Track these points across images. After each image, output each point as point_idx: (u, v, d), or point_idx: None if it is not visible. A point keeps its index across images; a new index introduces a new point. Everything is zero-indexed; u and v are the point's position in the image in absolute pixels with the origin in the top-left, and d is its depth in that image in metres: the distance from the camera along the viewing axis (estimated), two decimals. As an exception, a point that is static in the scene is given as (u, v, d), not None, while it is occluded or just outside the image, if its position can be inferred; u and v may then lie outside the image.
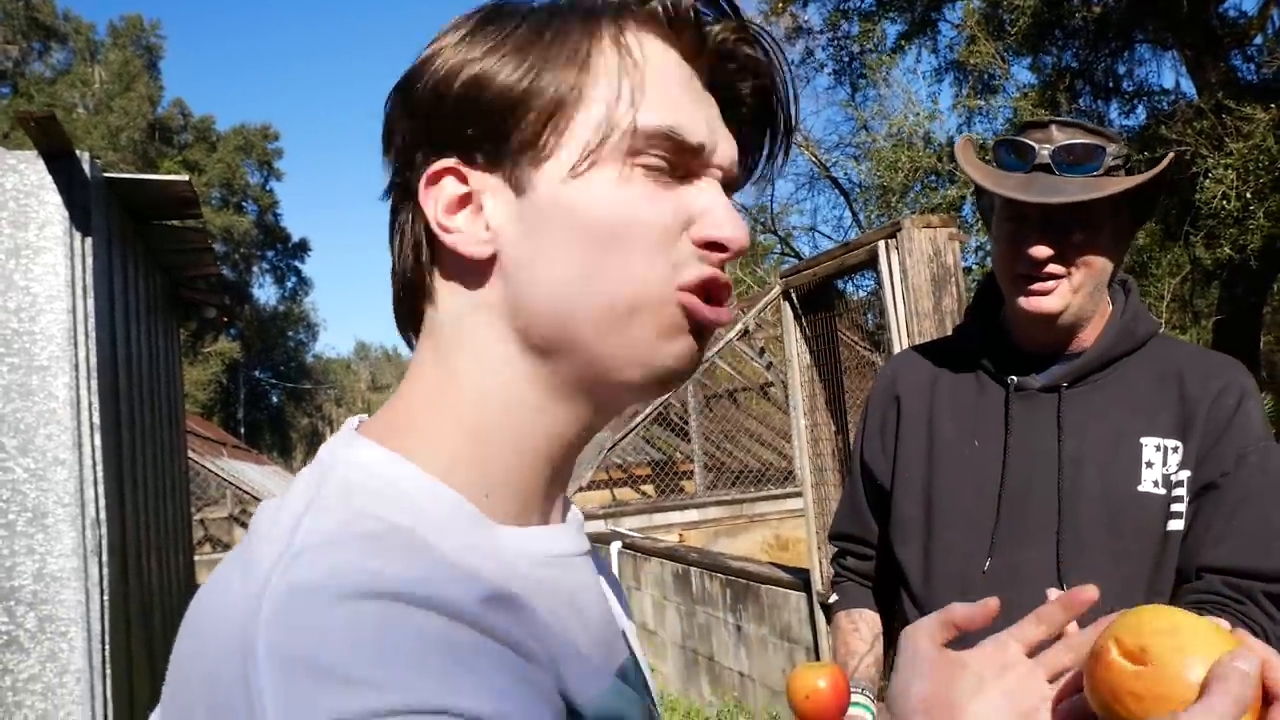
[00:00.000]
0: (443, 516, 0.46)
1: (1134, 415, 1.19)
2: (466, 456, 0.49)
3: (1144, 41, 13.71)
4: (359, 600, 0.38)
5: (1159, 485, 1.16)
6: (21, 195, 2.57)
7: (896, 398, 1.33)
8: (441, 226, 0.49)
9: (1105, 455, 1.17)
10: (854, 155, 17.68)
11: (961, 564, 1.20)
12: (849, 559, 1.44)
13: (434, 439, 0.49)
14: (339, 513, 0.44)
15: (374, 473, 0.47)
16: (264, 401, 46.23)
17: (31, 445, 2.48)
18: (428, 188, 0.49)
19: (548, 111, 0.49)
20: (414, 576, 0.40)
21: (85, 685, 2.44)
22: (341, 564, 0.40)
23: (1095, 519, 1.16)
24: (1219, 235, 10.27)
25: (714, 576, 4.53)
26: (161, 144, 35.89)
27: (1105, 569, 1.14)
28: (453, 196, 0.49)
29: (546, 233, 0.49)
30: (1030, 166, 1.16)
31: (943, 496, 1.24)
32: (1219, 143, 10.34)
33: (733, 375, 10.11)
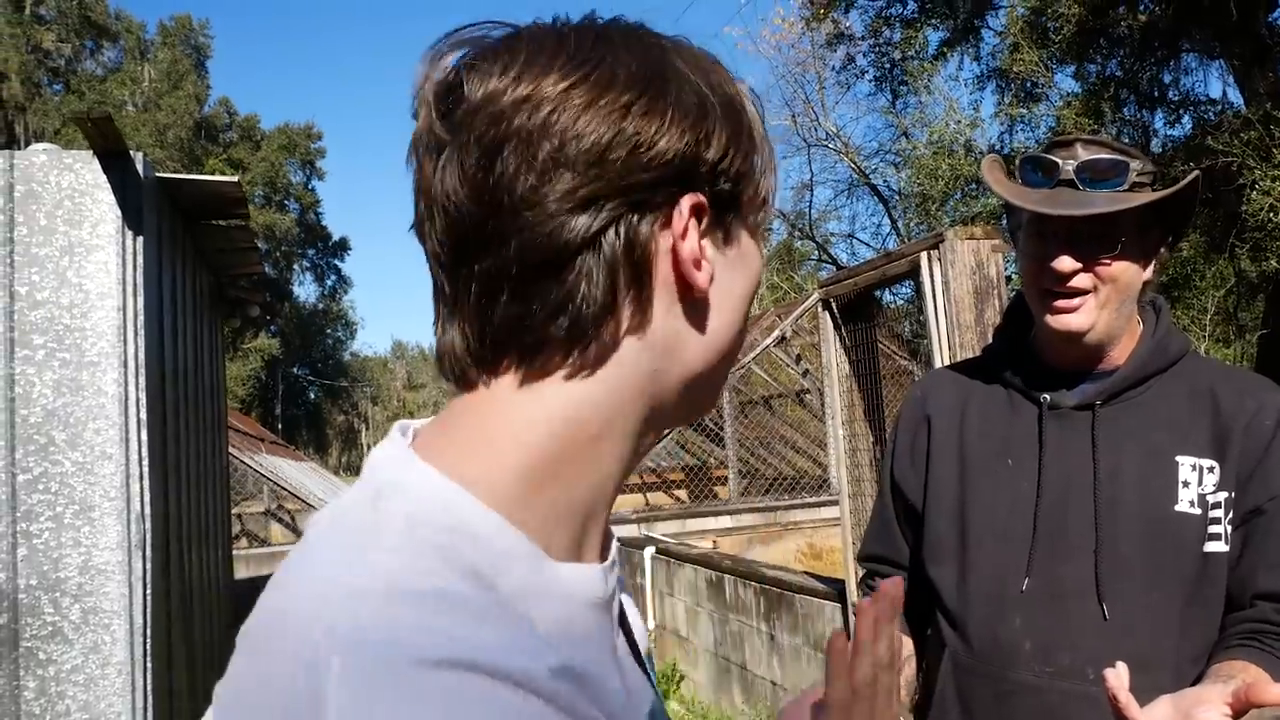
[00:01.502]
0: (505, 557, 0.45)
1: (1169, 434, 1.17)
2: (536, 490, 0.48)
3: (1190, 50, 13.45)
4: (437, 670, 0.38)
5: (1195, 505, 1.14)
6: (76, 194, 2.62)
7: (927, 418, 1.32)
8: (695, 260, 0.50)
9: (1141, 474, 1.16)
10: (894, 162, 17.54)
11: (998, 582, 1.19)
12: (877, 580, 1.42)
13: (502, 469, 0.48)
14: (404, 552, 0.43)
15: (438, 504, 0.45)
16: (301, 398, 46.88)
17: (80, 439, 2.53)
18: (690, 217, 0.50)
19: (756, 173, 0.53)
20: (486, 643, 0.40)
21: (126, 677, 2.48)
22: (420, 624, 0.40)
23: (1133, 538, 1.14)
24: (1265, 248, 10.05)
25: (748, 584, 4.50)
26: (207, 142, 36.59)
27: (1144, 588, 1.13)
28: (698, 231, 0.50)
29: (732, 283, 0.53)
30: (1055, 182, 1.16)
31: (977, 515, 1.23)
32: (1267, 154, 10.12)
33: (768, 382, 10.07)
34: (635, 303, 0.49)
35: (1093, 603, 1.14)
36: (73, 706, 2.43)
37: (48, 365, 2.54)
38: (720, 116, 0.50)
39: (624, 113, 0.48)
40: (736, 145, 0.51)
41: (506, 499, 0.47)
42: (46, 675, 2.44)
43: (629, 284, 0.49)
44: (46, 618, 2.45)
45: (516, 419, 0.49)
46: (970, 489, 1.24)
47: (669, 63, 0.51)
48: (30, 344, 2.53)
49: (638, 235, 0.48)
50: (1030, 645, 1.15)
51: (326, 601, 0.41)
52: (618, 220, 0.48)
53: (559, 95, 0.47)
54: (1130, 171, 1.16)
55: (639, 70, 0.49)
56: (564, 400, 0.49)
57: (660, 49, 0.52)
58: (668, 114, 0.48)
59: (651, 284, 0.49)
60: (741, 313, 0.54)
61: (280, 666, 0.40)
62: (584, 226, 0.47)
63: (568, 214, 0.47)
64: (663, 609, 5.65)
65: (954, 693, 1.22)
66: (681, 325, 0.51)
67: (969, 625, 1.21)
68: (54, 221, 2.59)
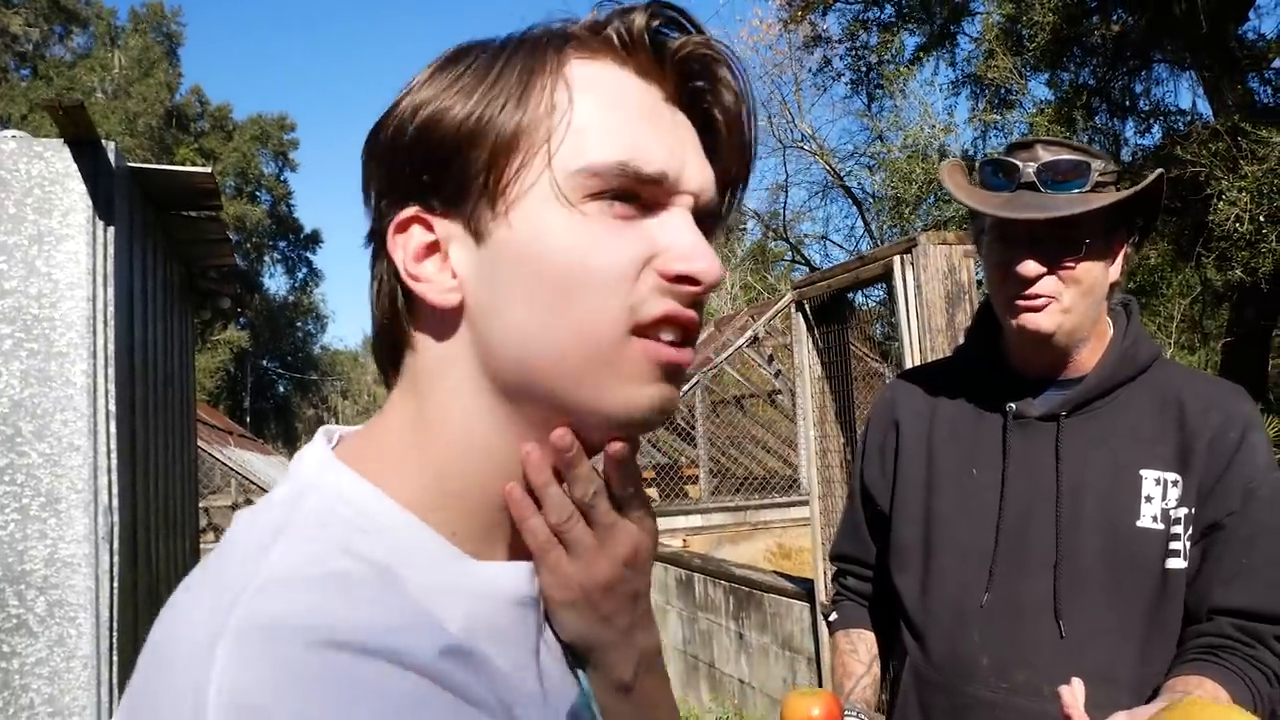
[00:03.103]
0: (417, 551, 0.46)
1: (1134, 445, 1.17)
2: (437, 493, 0.49)
3: (1162, 61, 13.67)
4: (314, 648, 0.39)
5: (1157, 520, 1.13)
6: (46, 182, 2.59)
7: (895, 422, 1.32)
8: (410, 275, 0.49)
9: (1104, 487, 1.15)
10: (868, 165, 17.67)
11: (959, 595, 1.19)
12: (849, 579, 1.43)
13: (406, 475, 0.49)
14: (313, 544, 0.44)
15: (352, 503, 0.47)
16: (270, 391, 46.36)
17: (47, 430, 2.50)
18: (395, 235, 0.49)
19: (496, 154, 0.47)
20: (375, 624, 0.41)
21: (92, 671, 2.45)
22: (304, 606, 0.41)
23: (1093, 553, 1.14)
24: (1231, 257, 10.24)
25: (717, 583, 4.53)
26: (178, 131, 36.04)
27: (1103, 604, 1.13)
28: (420, 245, 0.49)
29: (505, 280, 0.47)
30: (1015, 185, 1.15)
31: (941, 525, 1.22)
32: (1234, 165, 10.31)
33: (740, 381, 10.12)
34: (410, 316, 0.51)
35: (1049, 620, 1.13)
36: (37, 700, 2.41)
37: (15, 355, 2.50)
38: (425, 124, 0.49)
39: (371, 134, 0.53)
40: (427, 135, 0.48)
41: (419, 500, 0.48)
42: (10, 668, 2.41)
43: (392, 295, 0.51)
44: (11, 610, 2.42)
45: (415, 434, 0.51)
46: (935, 497, 1.24)
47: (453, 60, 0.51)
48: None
49: (386, 249, 0.51)
50: (988, 660, 1.15)
51: (225, 594, 0.42)
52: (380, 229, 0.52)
53: None
54: (1092, 172, 1.14)
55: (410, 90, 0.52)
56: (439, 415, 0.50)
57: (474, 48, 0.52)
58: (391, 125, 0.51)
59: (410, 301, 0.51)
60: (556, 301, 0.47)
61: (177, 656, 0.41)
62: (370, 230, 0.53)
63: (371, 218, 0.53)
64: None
65: (915, 703, 1.23)
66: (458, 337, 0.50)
67: (929, 638, 1.21)
68: (23, 210, 2.56)
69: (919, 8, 14.84)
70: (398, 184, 0.49)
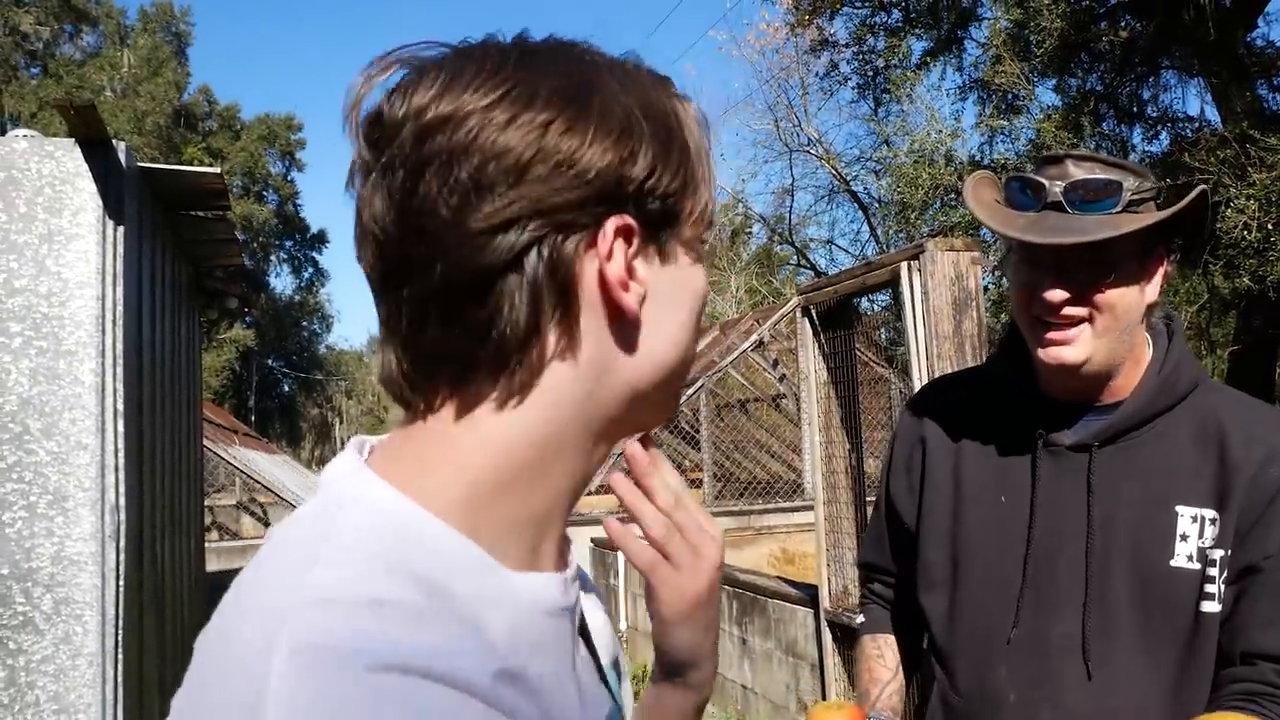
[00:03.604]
0: (458, 565, 0.46)
1: (1170, 479, 1.10)
2: (477, 503, 0.48)
3: (1170, 68, 13.64)
4: (374, 672, 0.39)
5: (1193, 560, 1.08)
6: (57, 182, 2.60)
7: (923, 438, 1.27)
8: (623, 282, 0.49)
9: (1137, 522, 1.10)
10: (875, 170, 17.65)
11: (986, 628, 1.16)
12: (876, 584, 1.41)
13: (444, 484, 0.48)
14: (356, 562, 0.44)
15: (387, 516, 0.46)
16: (275, 390, 46.45)
17: (56, 429, 2.51)
18: (615, 238, 0.48)
19: (688, 186, 0.52)
20: (430, 647, 0.41)
21: (97, 669, 2.46)
22: (358, 627, 0.40)
23: (1124, 593, 1.09)
24: (1238, 265, 10.20)
25: (720, 588, 4.53)
26: (186, 130, 36.17)
27: (1133, 646, 1.09)
28: (628, 252, 0.49)
29: (671, 302, 0.52)
30: (1041, 205, 1.08)
31: (969, 549, 1.19)
32: (1242, 172, 10.28)
33: (745, 385, 10.11)
34: (562, 325, 0.48)
35: (1077, 660, 1.10)
36: (42, 697, 2.42)
37: (24, 353, 2.52)
38: (649, 134, 0.49)
39: (543, 130, 0.46)
40: (666, 162, 0.50)
41: (457, 512, 0.47)
42: (17, 665, 2.42)
43: (553, 306, 0.47)
44: (18, 607, 2.43)
45: (456, 448, 0.49)
46: (963, 521, 1.20)
47: (596, 80, 0.49)
48: (7, 331, 2.51)
49: (561, 256, 0.47)
50: (1015, 697, 1.13)
51: (272, 613, 0.42)
52: (540, 241, 0.47)
53: (479, 113, 0.46)
54: (1124, 191, 1.07)
55: (561, 87, 0.48)
56: (500, 428, 0.48)
57: (588, 66, 0.50)
58: (589, 131, 0.47)
59: (577, 306, 0.48)
60: (684, 331, 0.53)
61: (228, 677, 0.41)
62: (506, 248, 0.46)
63: (489, 235, 0.46)
64: (635, 610, 5.67)
65: None
66: (613, 347, 0.50)
67: (957, 667, 1.19)
68: (34, 209, 2.57)
69: (926, 13, 14.82)
70: (611, 193, 0.48)
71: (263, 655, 0.40)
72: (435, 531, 0.46)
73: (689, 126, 0.53)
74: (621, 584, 5.77)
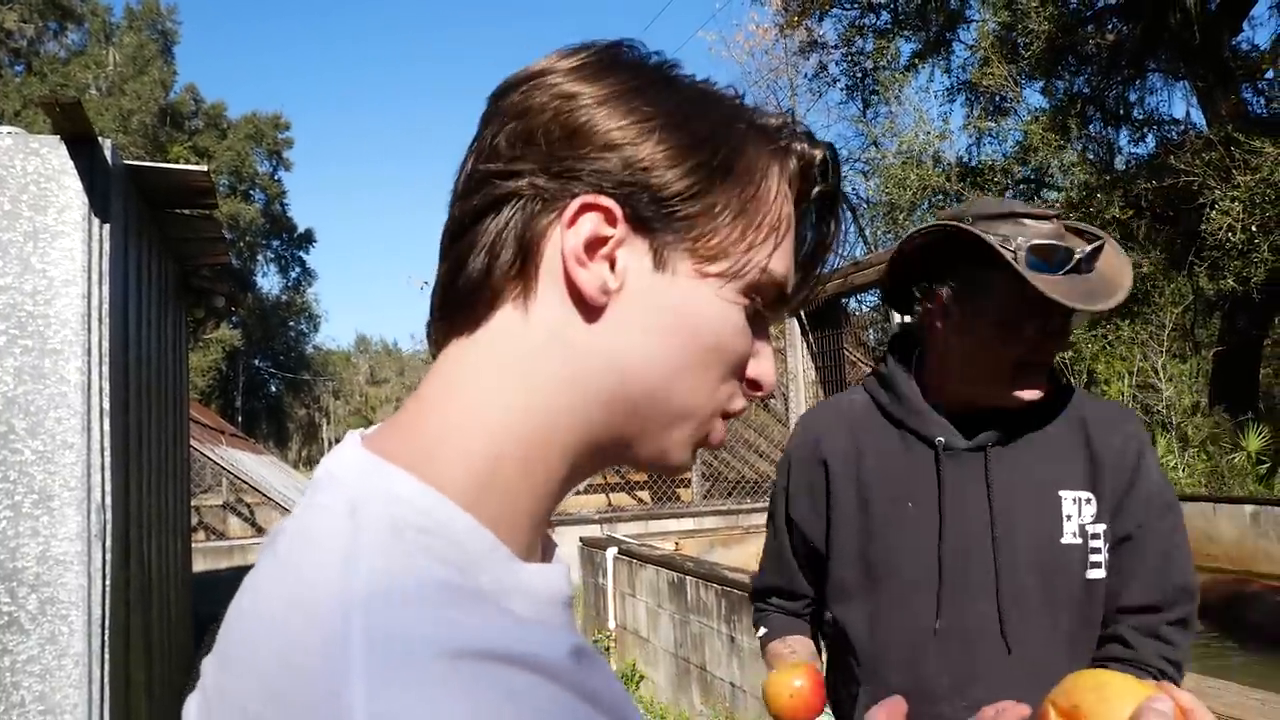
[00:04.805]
0: (481, 554, 0.45)
1: (1052, 468, 1.25)
2: (493, 489, 0.48)
3: (1156, 71, 13.74)
4: (458, 659, 0.38)
5: (1077, 536, 1.23)
6: (42, 179, 2.59)
7: (824, 461, 1.34)
8: (578, 257, 0.48)
9: (1031, 510, 1.23)
10: (863, 171, 17.70)
11: (913, 625, 1.25)
12: (774, 600, 1.46)
13: (455, 471, 0.47)
14: (395, 555, 0.42)
15: (414, 508, 0.45)
16: (262, 390, 46.21)
17: (41, 428, 2.50)
18: (581, 213, 0.48)
19: (721, 214, 0.50)
20: (508, 631, 0.41)
21: (83, 669, 2.45)
22: (434, 616, 0.39)
23: (1029, 574, 1.22)
24: (1223, 267, 10.29)
25: (709, 586, 4.53)
26: (172, 129, 35.96)
27: (1041, 620, 1.22)
28: (596, 235, 0.48)
29: (667, 318, 0.50)
30: (1065, 270, 1.17)
31: (883, 557, 1.27)
32: (1227, 175, 10.37)
33: (734, 385, 10.10)
34: (518, 281, 0.49)
35: (997, 638, 1.22)
36: (28, 697, 2.40)
37: (9, 352, 2.50)
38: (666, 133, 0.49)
39: (566, 101, 0.49)
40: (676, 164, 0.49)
41: (470, 499, 0.46)
42: (2, 665, 2.40)
43: (510, 262, 0.49)
44: (3, 607, 2.41)
45: (451, 411, 0.49)
46: (874, 532, 1.28)
47: (657, 82, 0.51)
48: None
49: (535, 217, 0.48)
50: (948, 681, 1.23)
51: (329, 610, 0.40)
52: (521, 198, 0.49)
53: (542, 76, 0.50)
54: None
55: (627, 76, 0.50)
56: (523, 402, 0.49)
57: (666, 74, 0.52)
58: (603, 112, 0.49)
59: (534, 268, 0.49)
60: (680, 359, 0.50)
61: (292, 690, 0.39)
62: (490, 196, 0.49)
63: (485, 183, 0.49)
64: (624, 609, 5.67)
65: None
66: (577, 322, 0.49)
67: (888, 666, 1.26)
68: (18, 206, 2.55)
69: (915, 14, 14.88)
70: (599, 170, 0.48)
71: (333, 655, 0.38)
72: (460, 522, 0.45)
73: (756, 162, 0.52)
74: (610, 584, 5.77)
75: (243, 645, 0.43)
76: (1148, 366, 10.19)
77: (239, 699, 0.41)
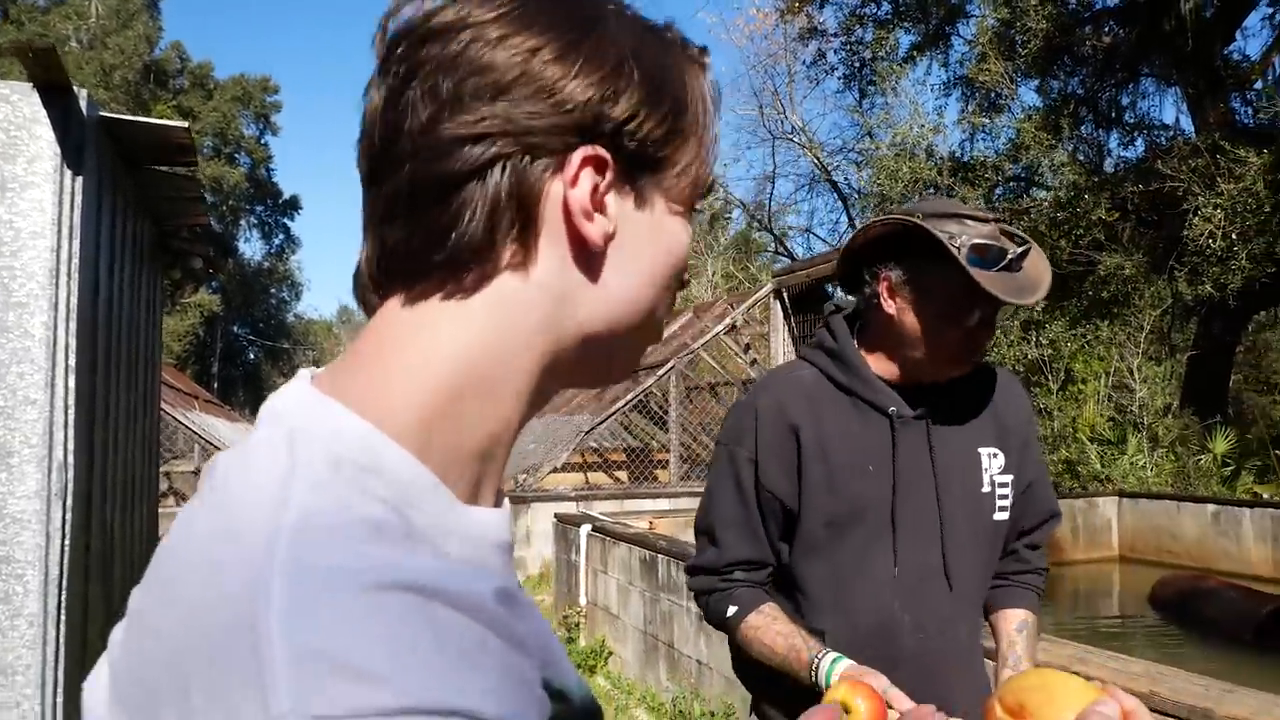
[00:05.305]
0: (420, 494, 0.45)
1: (971, 431, 1.49)
2: (445, 431, 0.48)
3: (1149, 75, 13.79)
4: (381, 592, 0.38)
5: (990, 485, 1.48)
6: (12, 127, 2.51)
7: (794, 428, 1.45)
8: (585, 211, 0.49)
9: (961, 468, 1.47)
10: (856, 161, 17.71)
11: (876, 572, 1.43)
12: (738, 574, 1.48)
13: (415, 408, 0.47)
14: (334, 489, 0.42)
15: (354, 443, 0.45)
16: (240, 358, 45.83)
17: (2, 382, 2.44)
18: (582, 167, 0.49)
19: (683, 146, 0.53)
20: (432, 568, 0.41)
21: (38, 630, 2.40)
22: (358, 551, 0.40)
23: (963, 521, 1.45)
24: (1202, 272, 10.38)
25: (680, 565, 4.54)
26: (156, 87, 35.36)
27: (972, 559, 1.47)
28: (599, 184, 0.50)
29: (650, 250, 0.53)
30: (999, 267, 1.36)
31: (847, 515, 1.43)
32: (1211, 182, 10.44)
33: (716, 369, 10.12)
34: (519, 242, 0.49)
35: (942, 578, 1.45)
36: (-21, 657, 2.35)
37: (-28, 303, 2.43)
38: (639, 79, 0.50)
39: (531, 54, 0.48)
40: (652, 109, 0.51)
41: (411, 439, 0.46)
42: (-47, 624, 2.35)
43: (511, 222, 0.49)
44: (-44, 565, 2.36)
45: (410, 353, 0.48)
46: (839, 492, 1.43)
47: (599, 18, 0.51)
48: (-46, 280, 2.42)
49: (526, 176, 0.48)
50: (909, 618, 1.43)
51: (256, 540, 0.40)
52: (508, 158, 0.48)
53: (474, 28, 0.49)
54: None
55: (562, 18, 0.50)
56: (449, 330, 0.49)
57: (598, 6, 0.52)
58: (577, 64, 0.49)
59: (537, 227, 0.49)
60: (654, 284, 0.53)
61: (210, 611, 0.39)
62: (471, 159, 0.48)
63: (457, 144, 0.48)
64: (595, 586, 5.68)
65: None
66: (574, 277, 0.51)
67: (856, 613, 1.43)
68: (-14, 154, 2.48)
69: (915, 6, 14.83)
70: (591, 123, 0.49)
71: (255, 585, 0.38)
72: (399, 459, 0.45)
73: (691, 87, 0.54)
74: (583, 560, 5.77)
75: (170, 574, 0.43)
76: (1124, 367, 10.28)
77: (162, 627, 0.41)
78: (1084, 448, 9.46)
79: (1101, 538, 7.62)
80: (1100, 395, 10.06)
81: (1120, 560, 7.57)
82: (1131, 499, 7.72)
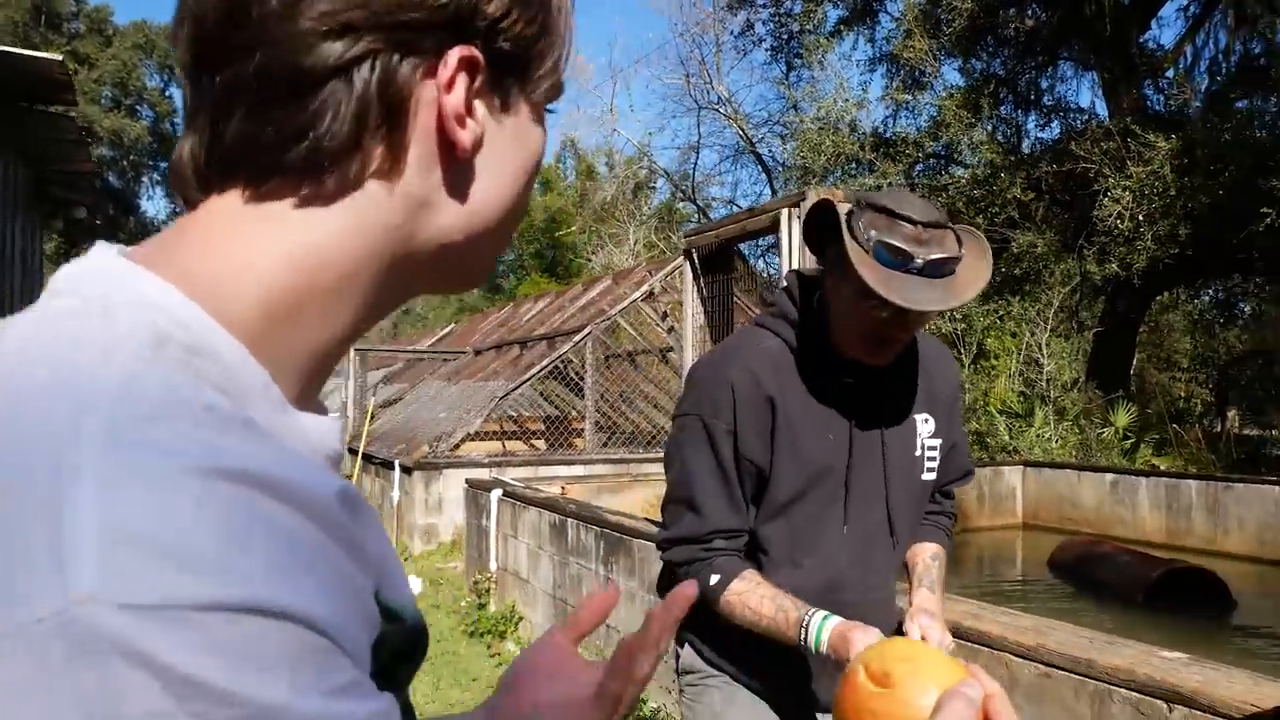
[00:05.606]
0: (251, 389, 0.42)
1: (911, 399, 1.59)
2: (283, 329, 0.44)
3: (1068, 59, 14.17)
4: (212, 477, 0.35)
5: (921, 448, 1.59)
6: None
7: (769, 398, 1.49)
8: (459, 116, 0.47)
9: (901, 434, 1.57)
10: (780, 134, 17.80)
11: (829, 530, 1.53)
12: (717, 541, 1.51)
13: (240, 299, 0.43)
14: (159, 365, 0.38)
15: (179, 322, 0.40)
16: (150, 319, 43.98)
17: None
18: (458, 71, 0.47)
19: (545, 47, 0.51)
20: (272, 458, 0.37)
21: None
22: (186, 432, 0.36)
23: (902, 482, 1.56)
24: (1110, 252, 10.78)
25: (589, 529, 4.51)
26: (48, 30, 33.38)
27: (909, 516, 1.60)
28: (468, 88, 0.47)
29: (515, 152, 0.52)
30: (906, 269, 1.35)
31: (809, 477, 1.51)
32: (1121, 165, 10.81)
33: (634, 337, 10.10)
34: (385, 146, 0.46)
35: (886, 535, 1.57)
36: None
37: None
38: None
39: None
40: (524, 9, 0.49)
41: (241, 331, 0.42)
42: None
43: (378, 125, 0.45)
44: None
45: (252, 246, 0.44)
46: (804, 458, 1.50)
47: None
48: None
49: (396, 75, 0.45)
50: (857, 573, 1.54)
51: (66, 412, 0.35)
52: (375, 55, 0.45)
53: None
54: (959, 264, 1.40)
55: None
56: (303, 235, 0.45)
57: None
58: None
59: (406, 131, 0.46)
60: (515, 189, 0.52)
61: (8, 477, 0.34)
62: (335, 54, 0.44)
63: (320, 38, 0.44)
64: (506, 551, 5.61)
65: None
66: (439, 183, 0.48)
67: (810, 569, 1.52)
68: None
69: (844, -20, 14.91)
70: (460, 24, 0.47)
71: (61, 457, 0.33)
72: (229, 348, 0.41)
73: None
74: (493, 526, 5.69)
75: None
76: (1034, 343, 10.62)
77: None
78: (994, 420, 9.76)
79: (1006, 505, 7.87)
80: (1013, 371, 10.39)
81: (1024, 527, 7.84)
82: (1035, 468, 7.99)
